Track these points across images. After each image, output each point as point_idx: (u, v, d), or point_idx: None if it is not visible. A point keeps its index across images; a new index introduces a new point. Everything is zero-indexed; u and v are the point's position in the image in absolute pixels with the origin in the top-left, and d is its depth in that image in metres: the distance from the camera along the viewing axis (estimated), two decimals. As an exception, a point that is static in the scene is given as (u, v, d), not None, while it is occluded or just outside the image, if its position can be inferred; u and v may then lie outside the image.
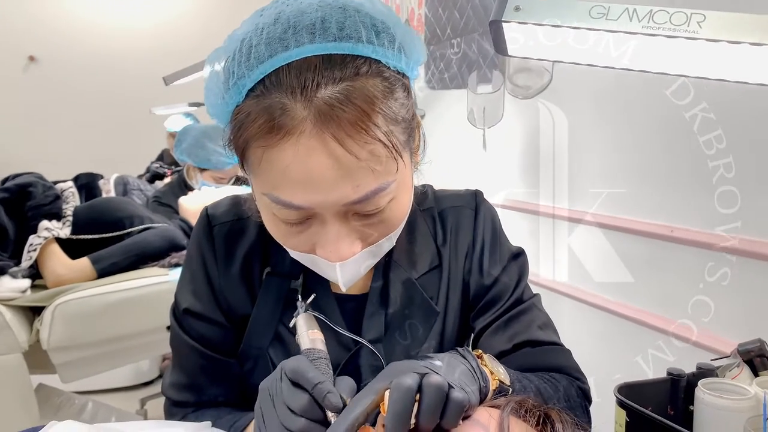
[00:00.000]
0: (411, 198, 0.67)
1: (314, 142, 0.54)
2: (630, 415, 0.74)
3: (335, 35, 0.56)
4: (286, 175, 0.56)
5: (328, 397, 0.51)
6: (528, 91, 1.71)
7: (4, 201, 1.74)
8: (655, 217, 1.39)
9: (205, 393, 0.79)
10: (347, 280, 0.65)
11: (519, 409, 0.50)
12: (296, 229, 0.62)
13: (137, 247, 1.83)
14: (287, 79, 0.54)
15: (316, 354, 0.58)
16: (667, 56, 0.47)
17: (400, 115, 0.59)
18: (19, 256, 1.72)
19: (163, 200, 2.32)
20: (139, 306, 1.73)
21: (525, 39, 0.52)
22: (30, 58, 4.07)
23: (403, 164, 0.61)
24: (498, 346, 0.76)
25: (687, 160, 1.28)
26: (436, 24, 2.28)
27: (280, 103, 0.54)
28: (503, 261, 0.81)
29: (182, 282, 0.80)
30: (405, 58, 0.60)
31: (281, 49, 0.55)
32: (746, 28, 0.41)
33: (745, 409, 0.72)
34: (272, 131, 0.54)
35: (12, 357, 1.57)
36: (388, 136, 0.56)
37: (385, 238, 0.65)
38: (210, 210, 0.79)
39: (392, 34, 0.59)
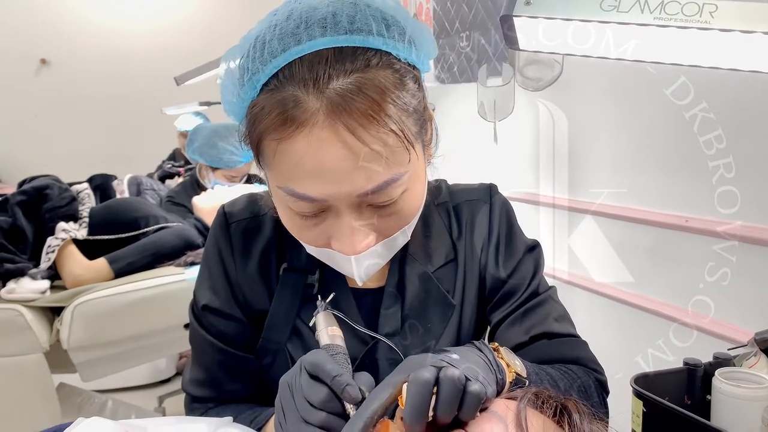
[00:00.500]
0: (424, 191, 0.68)
1: (327, 133, 0.55)
2: (647, 405, 0.74)
3: (346, 28, 0.57)
4: (299, 166, 0.57)
5: (347, 389, 0.52)
6: (538, 83, 1.70)
7: (21, 204, 1.77)
8: (665, 207, 1.39)
9: (224, 388, 0.80)
10: (363, 274, 0.65)
11: (536, 401, 0.51)
12: (311, 222, 0.62)
13: (153, 247, 1.85)
14: (300, 72, 0.56)
15: (335, 350, 0.59)
16: (680, 47, 0.47)
17: (412, 106, 0.60)
18: (37, 257, 1.75)
19: (177, 200, 2.34)
20: (156, 305, 1.75)
21: (535, 32, 0.52)
22: (42, 61, 4.11)
23: (416, 155, 0.61)
24: (514, 339, 0.77)
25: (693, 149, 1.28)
26: (444, 18, 2.27)
27: (293, 96, 0.55)
28: (518, 254, 0.81)
29: (200, 279, 0.81)
30: (415, 50, 0.61)
31: (294, 43, 0.57)
32: (759, 17, 0.40)
33: (762, 398, 0.72)
34: (285, 123, 0.56)
35: (34, 357, 1.60)
36: (399, 126, 0.57)
37: (400, 231, 0.65)
38: (227, 208, 0.80)
39: (402, 27, 0.61)
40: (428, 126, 0.67)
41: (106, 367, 1.77)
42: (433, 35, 0.66)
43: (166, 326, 1.79)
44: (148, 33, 4.33)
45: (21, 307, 1.59)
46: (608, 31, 0.49)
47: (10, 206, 1.75)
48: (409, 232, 0.69)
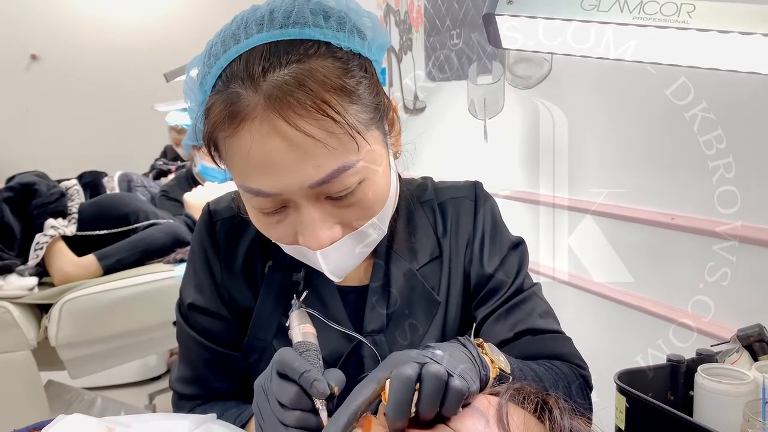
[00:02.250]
0: (390, 181, 0.67)
1: (267, 126, 0.56)
2: (630, 401, 0.75)
3: (281, 23, 0.59)
4: (248, 162, 0.58)
5: (315, 384, 0.52)
6: (528, 81, 1.71)
7: (8, 200, 1.75)
8: (656, 205, 1.40)
9: (210, 386, 0.80)
10: (333, 268, 0.65)
11: (517, 396, 0.51)
12: (275, 218, 0.63)
13: (143, 244, 1.84)
14: (238, 70, 0.57)
15: (306, 346, 0.59)
16: (660, 46, 0.48)
17: (358, 93, 0.60)
18: (25, 254, 1.74)
19: (171, 195, 2.33)
20: (145, 301, 1.75)
21: (519, 31, 0.53)
22: (32, 56, 4.08)
23: (368, 144, 0.61)
24: (499, 335, 0.77)
25: (686, 146, 1.28)
26: (435, 15, 2.27)
27: (234, 92, 0.57)
28: (503, 250, 0.82)
29: (186, 278, 0.81)
30: (359, 39, 0.62)
31: (233, 43, 0.59)
32: (736, 17, 0.41)
33: (744, 393, 0.73)
34: (229, 119, 0.57)
35: (21, 354, 1.59)
36: (341, 114, 0.57)
37: (368, 224, 0.65)
38: (212, 206, 0.80)
39: (343, 18, 0.61)
40: (389, 115, 0.67)
41: (95, 365, 1.77)
42: (382, 26, 0.66)
43: (155, 323, 1.78)
44: (139, 28, 4.30)
45: (8, 304, 1.58)
46: (590, 30, 0.49)
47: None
48: (384, 226, 0.68)
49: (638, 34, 0.48)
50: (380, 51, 0.66)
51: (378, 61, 0.66)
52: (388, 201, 0.67)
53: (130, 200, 2.00)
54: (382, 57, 0.67)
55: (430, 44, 2.33)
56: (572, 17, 0.45)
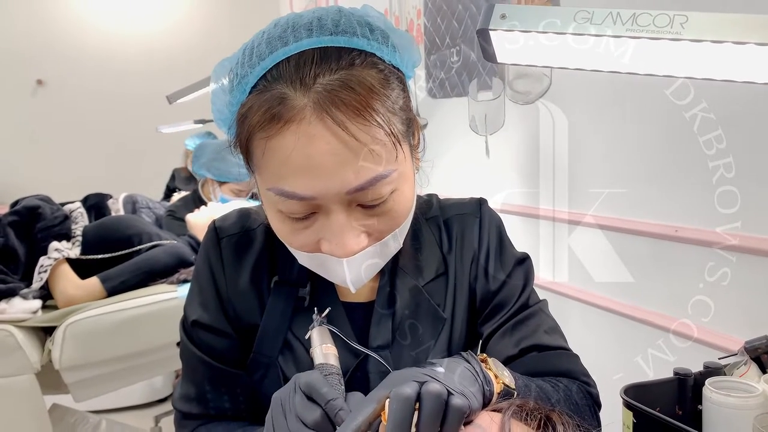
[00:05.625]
0: (413, 193, 0.68)
1: (314, 128, 0.56)
2: (637, 416, 0.74)
3: (331, 30, 0.60)
4: (288, 163, 0.58)
5: (340, 414, 0.52)
6: (528, 96, 1.72)
7: (13, 224, 1.76)
8: (657, 217, 1.39)
9: (214, 405, 0.79)
10: (355, 278, 0.65)
11: (520, 412, 0.51)
12: (302, 225, 0.63)
13: (146, 265, 1.84)
14: (287, 72, 0.58)
15: (328, 369, 0.59)
16: (653, 58, 0.48)
17: (398, 105, 0.61)
18: (29, 277, 1.74)
19: (178, 215, 2.34)
20: (149, 323, 1.74)
21: (513, 45, 0.53)
22: (38, 81, 4.13)
23: (404, 155, 0.62)
24: (505, 351, 0.76)
25: (687, 160, 1.28)
26: (435, 33, 2.29)
27: (280, 93, 0.57)
28: (508, 266, 0.82)
29: (191, 295, 0.81)
30: (399, 55, 0.64)
31: (281, 45, 0.59)
32: (728, 27, 0.41)
33: (753, 406, 0.72)
34: (273, 120, 0.57)
35: (25, 378, 1.58)
36: (387, 121, 0.58)
37: (391, 236, 0.65)
38: (218, 223, 0.81)
39: (386, 33, 0.63)
40: (415, 130, 0.69)
41: (99, 387, 1.76)
42: (415, 44, 0.67)
43: (159, 344, 1.78)
44: (142, 53, 4.35)
45: (12, 327, 1.58)
46: (585, 42, 0.50)
47: (2, 226, 1.74)
48: (401, 239, 0.69)
49: (633, 46, 0.48)
50: (413, 69, 0.68)
51: (410, 78, 0.68)
52: (410, 215, 0.68)
53: (134, 222, 2.00)
54: (413, 75, 0.68)
55: (431, 62, 2.34)
56: (565, 30, 0.46)
